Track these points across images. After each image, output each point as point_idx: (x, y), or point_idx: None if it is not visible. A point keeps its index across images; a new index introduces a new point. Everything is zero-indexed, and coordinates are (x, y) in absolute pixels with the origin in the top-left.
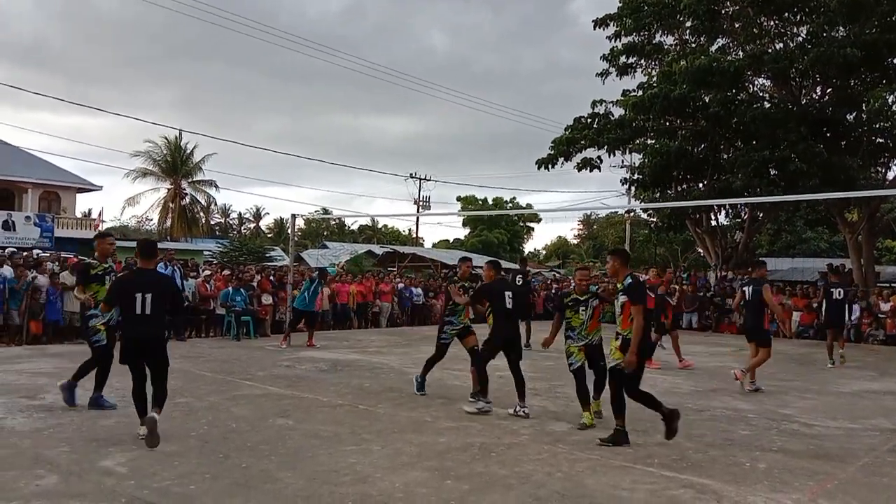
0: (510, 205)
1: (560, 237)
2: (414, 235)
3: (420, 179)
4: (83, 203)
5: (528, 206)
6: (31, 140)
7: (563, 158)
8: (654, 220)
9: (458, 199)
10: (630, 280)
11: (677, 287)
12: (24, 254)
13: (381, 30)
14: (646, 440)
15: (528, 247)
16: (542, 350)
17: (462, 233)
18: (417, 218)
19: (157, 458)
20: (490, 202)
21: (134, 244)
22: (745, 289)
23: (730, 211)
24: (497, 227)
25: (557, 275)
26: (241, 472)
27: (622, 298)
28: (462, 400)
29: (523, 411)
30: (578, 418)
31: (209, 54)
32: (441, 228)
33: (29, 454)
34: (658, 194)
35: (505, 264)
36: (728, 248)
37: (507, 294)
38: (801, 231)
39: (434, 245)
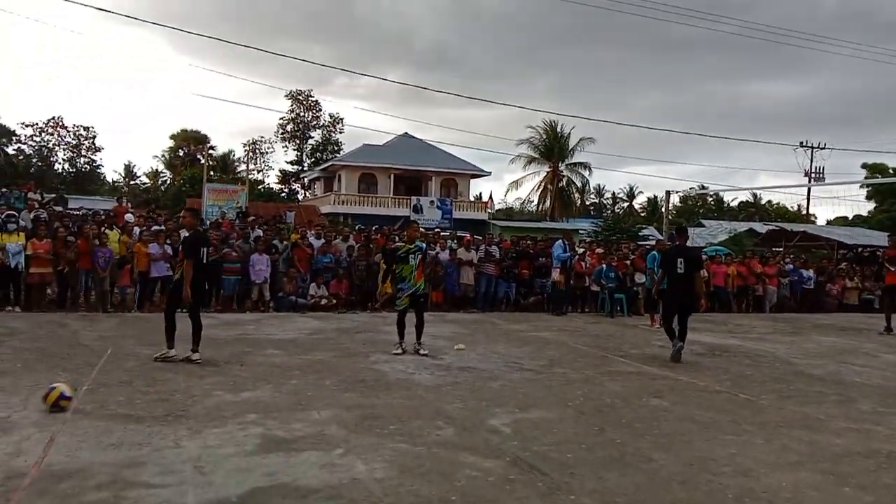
0: None
1: None
2: (804, 212)
3: (812, 148)
4: (475, 188)
5: None
6: (433, 133)
7: None
8: None
9: (864, 166)
10: None
11: None
12: (429, 232)
13: None
14: None
15: None
16: None
17: (866, 207)
18: (808, 191)
19: (536, 422)
20: None
21: (517, 224)
22: None
23: None
24: None
25: None
26: (615, 447)
27: None
28: (863, 399)
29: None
30: None
31: (581, 37)
32: (838, 203)
33: (432, 406)
34: None
35: None
36: None
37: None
38: None
39: (828, 222)
